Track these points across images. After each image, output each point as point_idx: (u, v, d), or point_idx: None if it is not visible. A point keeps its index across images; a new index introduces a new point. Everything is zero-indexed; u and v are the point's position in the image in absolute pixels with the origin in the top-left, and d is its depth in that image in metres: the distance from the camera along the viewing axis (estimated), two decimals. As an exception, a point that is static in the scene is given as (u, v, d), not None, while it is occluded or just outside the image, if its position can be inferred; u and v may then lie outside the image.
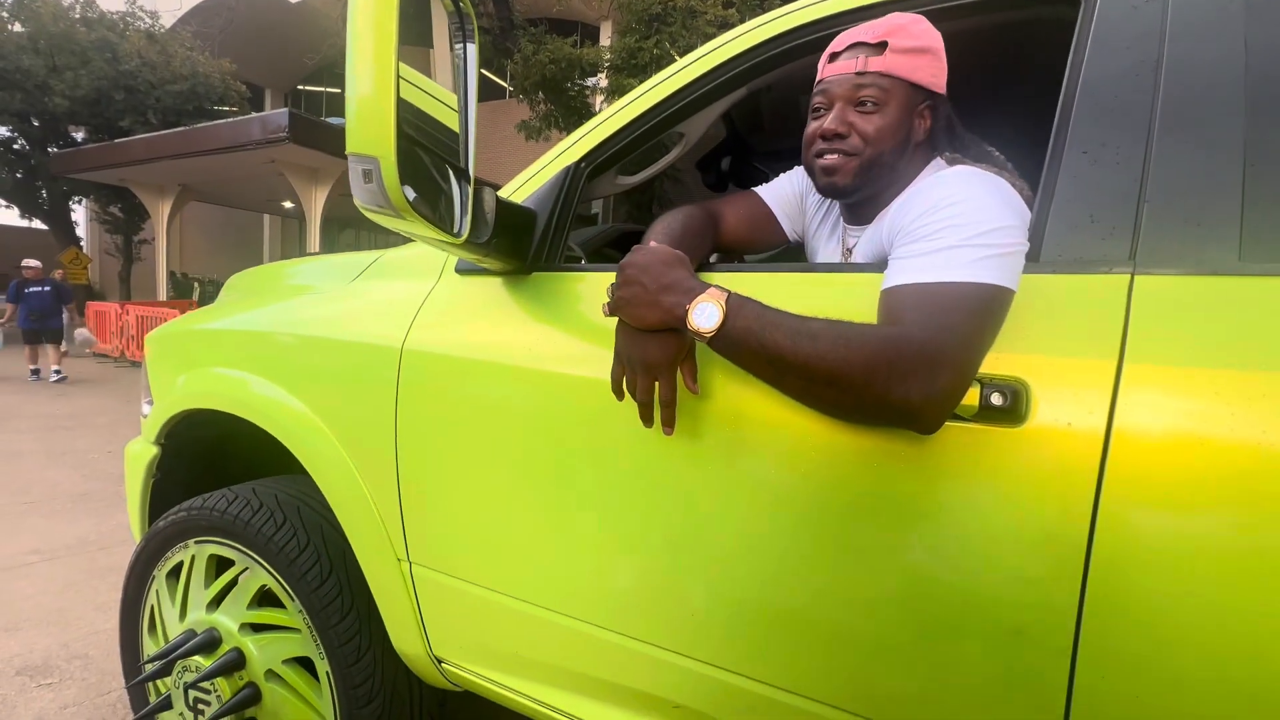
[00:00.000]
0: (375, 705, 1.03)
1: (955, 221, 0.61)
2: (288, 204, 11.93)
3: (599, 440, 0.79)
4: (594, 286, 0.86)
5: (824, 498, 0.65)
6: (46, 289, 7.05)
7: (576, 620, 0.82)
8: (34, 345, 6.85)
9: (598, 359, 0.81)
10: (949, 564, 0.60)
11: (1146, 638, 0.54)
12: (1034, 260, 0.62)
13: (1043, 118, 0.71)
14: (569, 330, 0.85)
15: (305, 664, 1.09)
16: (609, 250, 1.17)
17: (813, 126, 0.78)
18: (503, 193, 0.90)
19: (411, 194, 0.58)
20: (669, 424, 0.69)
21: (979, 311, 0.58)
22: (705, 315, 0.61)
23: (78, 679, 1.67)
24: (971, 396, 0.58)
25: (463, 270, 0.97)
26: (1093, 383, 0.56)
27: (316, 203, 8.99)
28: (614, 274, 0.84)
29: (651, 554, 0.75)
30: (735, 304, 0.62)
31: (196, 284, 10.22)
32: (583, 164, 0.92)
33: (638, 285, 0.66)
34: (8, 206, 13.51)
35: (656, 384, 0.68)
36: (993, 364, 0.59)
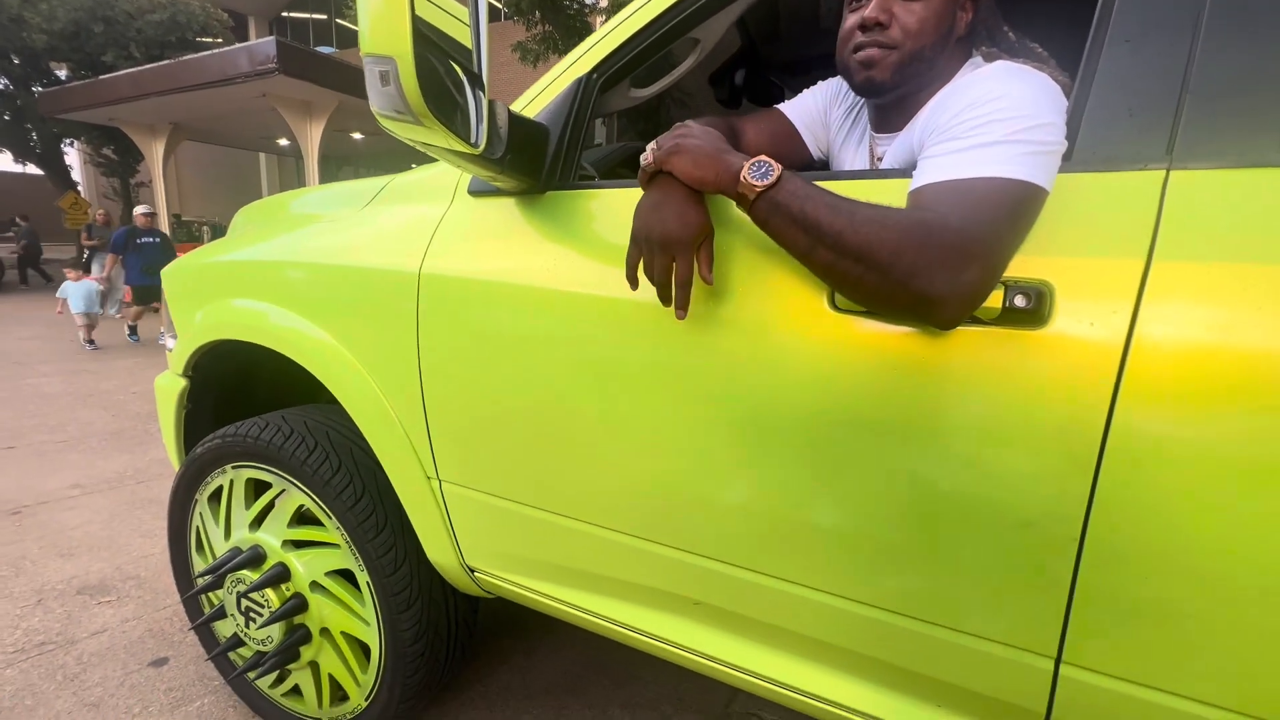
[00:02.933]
0: (414, 611, 1.10)
1: (996, 117, 0.59)
2: (283, 141, 11.58)
3: (616, 356, 0.80)
4: (610, 204, 0.85)
5: (841, 400, 0.67)
6: (157, 240, 6.08)
7: (600, 528, 0.86)
8: (145, 305, 5.82)
9: (615, 278, 0.81)
10: (962, 461, 0.62)
11: (1152, 535, 0.56)
12: (1065, 159, 0.60)
13: (1086, 6, 0.67)
14: (586, 249, 0.85)
15: (347, 575, 1.16)
16: (621, 170, 1.14)
17: (851, 19, 0.75)
18: (513, 108, 0.87)
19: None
20: (683, 306, 0.69)
21: (1014, 210, 0.57)
22: (762, 172, 0.61)
23: (133, 596, 1.80)
24: (994, 299, 0.58)
25: (475, 191, 0.96)
26: (1118, 282, 0.56)
27: (312, 139, 8.72)
28: (631, 190, 0.83)
29: (671, 463, 0.78)
30: (786, 169, 0.61)
31: (207, 229, 9.95)
32: (594, 75, 0.88)
33: (695, 140, 0.66)
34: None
35: (674, 266, 0.67)
36: (1016, 266, 0.59)
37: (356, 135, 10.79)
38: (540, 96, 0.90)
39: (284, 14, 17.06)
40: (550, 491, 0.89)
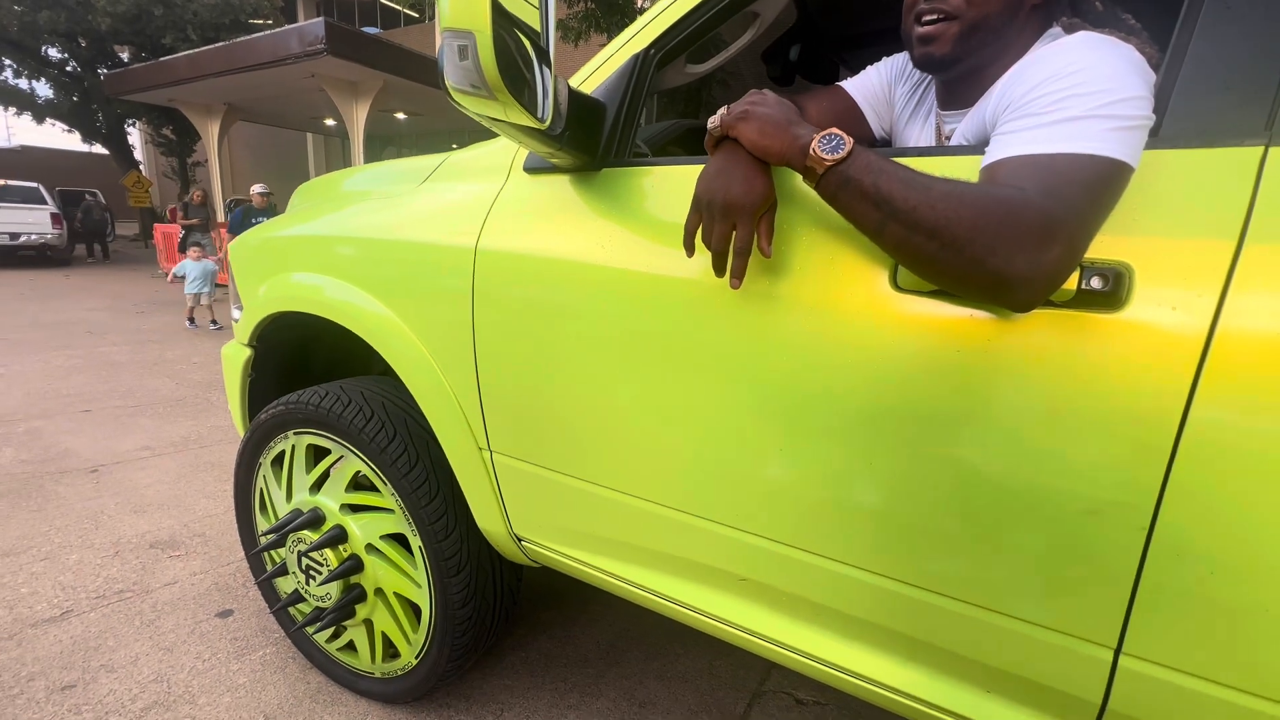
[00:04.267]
0: (463, 576, 1.15)
1: (1078, 91, 0.57)
2: (330, 121, 11.85)
3: (670, 333, 0.81)
4: (664, 181, 0.85)
5: (902, 382, 0.66)
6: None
7: (649, 502, 0.87)
8: None
9: (669, 255, 0.81)
10: (1026, 446, 0.61)
11: (1227, 529, 0.54)
12: (1152, 135, 0.57)
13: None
14: (640, 226, 0.85)
15: (400, 539, 1.22)
16: (673, 148, 1.14)
17: None
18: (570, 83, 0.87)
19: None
20: (739, 275, 0.68)
21: (1099, 188, 0.54)
22: (833, 145, 0.59)
23: (200, 552, 1.92)
24: (1070, 280, 0.57)
25: (531, 169, 0.97)
26: (1205, 265, 0.53)
27: (358, 119, 8.89)
28: (686, 168, 0.83)
29: (723, 440, 0.79)
30: (857, 143, 0.60)
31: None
32: (652, 50, 0.88)
33: (766, 109, 0.65)
34: (69, 131, 13.95)
35: (733, 234, 0.67)
36: (1094, 247, 0.57)
37: (400, 115, 10.96)
38: (597, 73, 0.91)
39: (330, -6, 17.32)
40: (600, 465, 0.91)
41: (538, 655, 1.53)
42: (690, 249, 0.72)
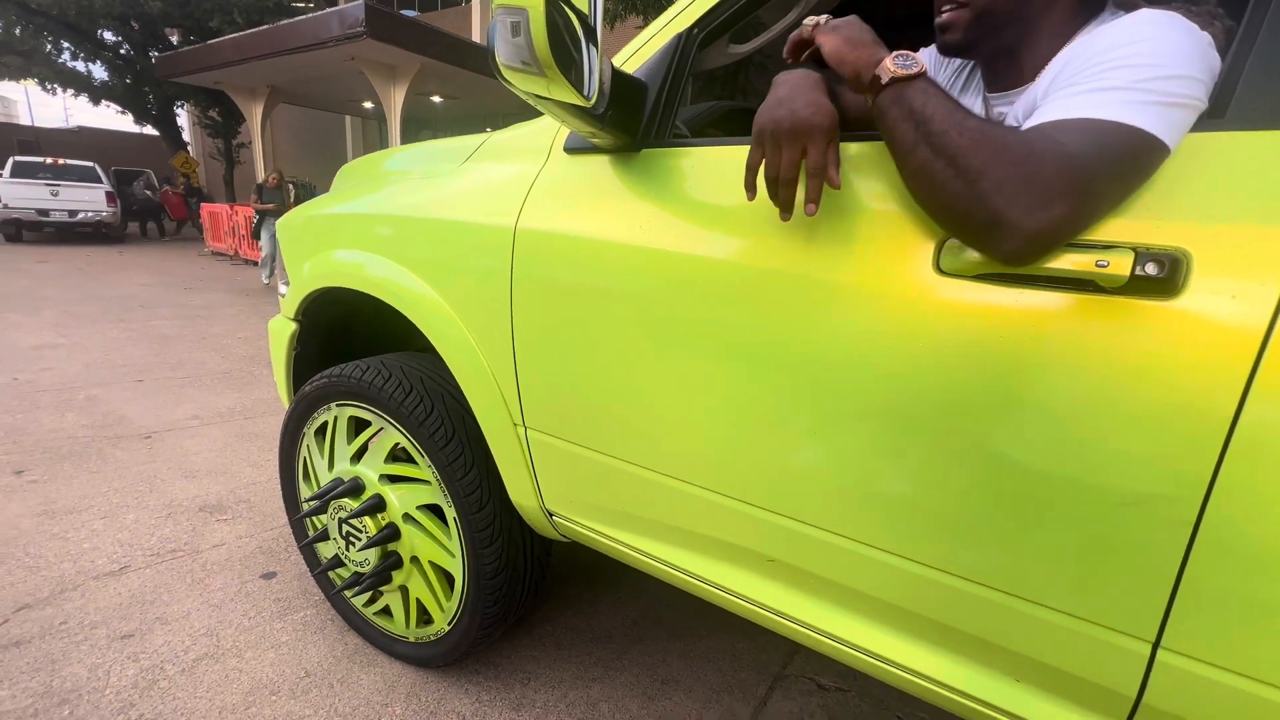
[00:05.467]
0: (495, 547, 1.18)
1: (1125, 63, 0.55)
2: (368, 104, 12.04)
3: (708, 315, 0.81)
4: (704, 162, 0.85)
5: (943, 366, 0.65)
6: None
7: (681, 481, 0.89)
8: None
9: (709, 236, 0.82)
10: (1069, 434, 0.60)
11: (1276, 528, 0.53)
12: (1218, 115, 0.55)
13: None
14: (680, 207, 0.85)
15: (436, 510, 1.26)
16: (712, 130, 1.13)
17: None
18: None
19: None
20: (815, 199, 0.66)
21: (1123, 159, 0.54)
22: (907, 63, 0.61)
23: (245, 517, 2.01)
24: (1122, 266, 0.55)
25: (571, 149, 0.98)
26: (1269, 253, 0.51)
27: (395, 102, 9.01)
28: (726, 148, 0.82)
29: (757, 422, 0.79)
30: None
31: (294, 188, 10.14)
32: (695, 30, 0.88)
33: (854, 26, 0.68)
34: (122, 112, 14.48)
35: (803, 161, 0.66)
36: (1150, 232, 0.55)
37: (436, 99, 11.06)
38: (639, 52, 0.91)
39: (370, -23, 17.46)
40: (633, 444, 0.93)
41: (563, 629, 1.56)
42: (752, 189, 0.71)
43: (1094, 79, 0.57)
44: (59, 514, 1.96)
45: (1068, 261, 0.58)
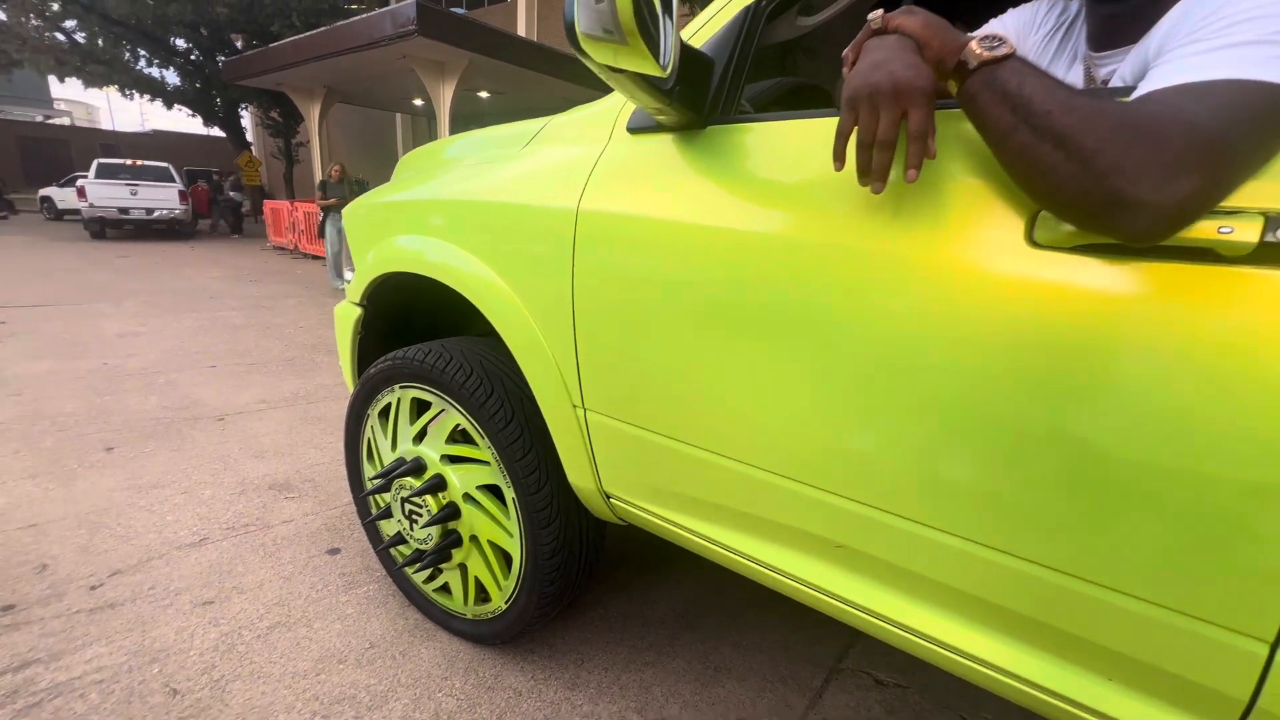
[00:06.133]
0: (553, 528, 1.20)
1: (1254, 15, 0.51)
2: (418, 101, 12.35)
3: (778, 294, 0.79)
4: (772, 138, 0.83)
5: (1039, 346, 0.62)
6: None
7: (745, 464, 0.87)
8: None
9: (777, 214, 0.80)
10: (1178, 417, 0.56)
11: None
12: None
13: None
14: (748, 184, 0.83)
15: (495, 490, 1.28)
16: (773, 108, 1.10)
17: None
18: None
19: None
20: (917, 164, 0.62)
21: (1261, 119, 0.49)
22: (992, 45, 0.57)
23: (310, 496, 2.11)
24: (1249, 232, 0.51)
25: (634, 129, 0.97)
26: None
27: (445, 98, 9.21)
28: (795, 123, 0.80)
29: (832, 405, 0.77)
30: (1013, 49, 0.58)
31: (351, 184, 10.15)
32: (763, 2, 0.85)
33: (928, 15, 0.63)
34: (192, 115, 15.32)
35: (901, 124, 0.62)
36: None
37: (483, 94, 11.24)
38: (706, 27, 0.89)
39: (420, -23, 17.89)
40: (696, 426, 0.92)
41: (615, 613, 1.58)
42: (841, 158, 0.67)
43: (1218, 35, 0.52)
44: (145, 488, 2.09)
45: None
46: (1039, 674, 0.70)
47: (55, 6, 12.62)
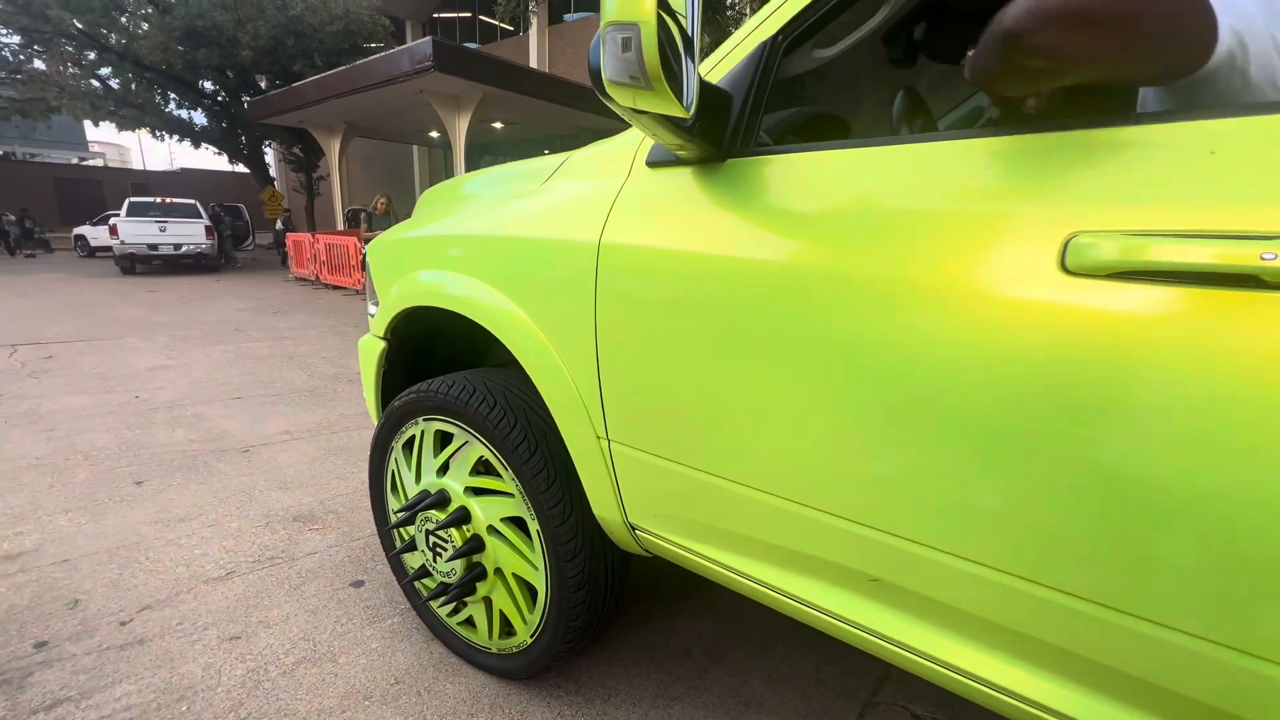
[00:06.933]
0: (578, 561, 1.19)
1: None
2: (434, 133, 12.69)
3: (800, 326, 0.79)
4: (791, 169, 0.84)
5: (1073, 376, 0.60)
6: None
7: (774, 496, 0.86)
8: None
9: (799, 244, 0.80)
10: (1216, 445, 0.54)
11: None
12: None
13: None
14: (770, 215, 0.84)
15: (519, 523, 1.28)
16: (791, 138, 1.11)
17: None
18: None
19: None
20: None
21: None
22: None
23: (334, 527, 2.12)
24: (1294, 257, 0.49)
25: (654, 163, 0.98)
26: None
27: (460, 130, 9.46)
28: (814, 154, 0.80)
29: (863, 437, 0.76)
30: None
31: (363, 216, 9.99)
32: (780, 37, 0.86)
33: None
34: (218, 153, 15.90)
35: None
36: (1328, 220, 0.49)
37: (497, 125, 11.53)
38: (723, 62, 0.90)
39: (435, 15, 18.55)
40: (722, 458, 0.91)
41: (641, 646, 1.55)
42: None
43: None
44: (173, 522, 2.12)
45: (1223, 255, 0.52)
46: (1082, 711, 0.67)
47: (91, 55, 13.25)
